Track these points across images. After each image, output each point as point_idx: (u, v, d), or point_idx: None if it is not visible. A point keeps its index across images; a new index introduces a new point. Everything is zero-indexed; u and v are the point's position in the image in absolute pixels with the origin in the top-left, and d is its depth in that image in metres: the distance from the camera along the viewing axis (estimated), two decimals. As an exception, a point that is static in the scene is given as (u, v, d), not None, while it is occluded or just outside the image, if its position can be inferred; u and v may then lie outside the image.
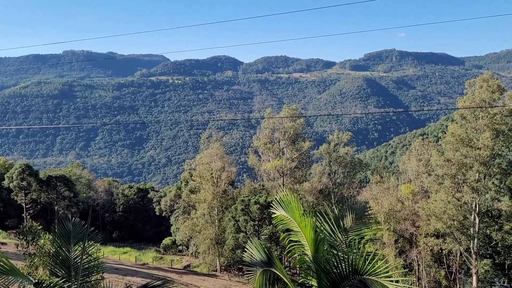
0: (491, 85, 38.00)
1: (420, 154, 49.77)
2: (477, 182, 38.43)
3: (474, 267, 39.77)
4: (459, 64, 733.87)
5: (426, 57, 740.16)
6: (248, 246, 10.43)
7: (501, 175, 39.27)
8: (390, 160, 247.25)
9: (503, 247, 44.06)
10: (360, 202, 46.22)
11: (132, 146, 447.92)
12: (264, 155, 60.48)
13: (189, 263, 65.40)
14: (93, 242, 9.88)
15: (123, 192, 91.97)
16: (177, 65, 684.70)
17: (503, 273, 46.89)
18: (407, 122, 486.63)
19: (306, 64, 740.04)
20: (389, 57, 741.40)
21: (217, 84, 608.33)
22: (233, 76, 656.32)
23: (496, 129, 37.48)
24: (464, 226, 39.95)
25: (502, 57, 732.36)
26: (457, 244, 40.50)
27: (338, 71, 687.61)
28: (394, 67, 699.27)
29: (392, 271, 8.38)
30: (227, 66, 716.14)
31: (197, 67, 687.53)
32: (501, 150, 38.16)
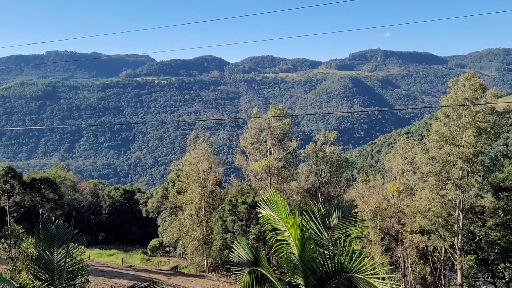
0: (474, 84, 38.56)
1: (405, 152, 50.30)
2: (461, 179, 38.97)
3: (459, 263, 40.33)
4: (443, 63, 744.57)
5: (410, 56, 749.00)
6: (235, 246, 10.42)
7: (484, 172, 39.87)
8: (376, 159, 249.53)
9: (487, 242, 44.78)
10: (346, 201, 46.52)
11: (118, 147, 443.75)
12: (251, 155, 60.47)
13: (177, 264, 65.08)
14: (78, 244, 9.75)
15: (109, 194, 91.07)
16: (163, 66, 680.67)
17: (486, 268, 47.68)
18: (392, 121, 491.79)
19: (293, 64, 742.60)
20: (374, 57, 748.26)
21: (203, 84, 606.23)
22: (219, 76, 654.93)
23: (478, 127, 38.04)
24: (448, 222, 40.47)
25: (484, 56, 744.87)
26: (442, 240, 41.03)
27: (324, 71, 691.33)
28: (379, 67, 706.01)
29: (378, 268, 8.45)
30: (213, 66, 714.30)
31: (183, 67, 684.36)
32: (483, 148, 38.73)
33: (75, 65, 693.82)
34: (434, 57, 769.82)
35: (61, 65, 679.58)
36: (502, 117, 38.78)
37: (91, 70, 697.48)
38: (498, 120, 38.51)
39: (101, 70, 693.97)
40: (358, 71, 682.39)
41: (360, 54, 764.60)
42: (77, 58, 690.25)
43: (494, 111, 38.97)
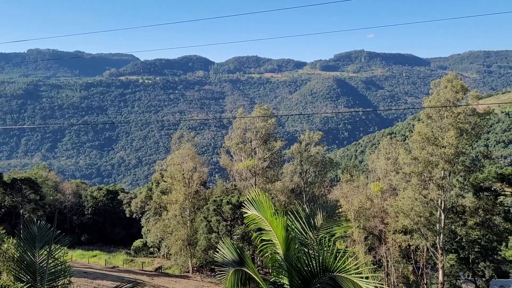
0: (455, 85, 39.22)
1: (388, 152, 50.89)
2: (443, 179, 39.57)
3: (440, 262, 40.95)
4: (425, 65, 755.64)
5: (393, 58, 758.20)
6: (220, 246, 10.41)
7: (465, 172, 40.56)
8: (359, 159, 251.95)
9: (467, 242, 45.58)
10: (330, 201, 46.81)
11: (101, 147, 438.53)
12: (236, 155, 60.41)
13: (161, 265, 64.63)
14: (60, 245, 9.62)
15: (92, 194, 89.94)
16: (147, 65, 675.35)
17: (467, 267, 48.54)
18: (376, 121, 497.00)
19: (278, 64, 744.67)
20: (358, 58, 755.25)
21: (188, 84, 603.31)
22: (204, 76, 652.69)
23: (460, 128, 38.68)
24: (430, 222, 41.06)
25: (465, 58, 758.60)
26: (424, 240, 41.60)
27: (309, 71, 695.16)
28: (363, 68, 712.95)
29: (361, 268, 8.53)
30: (198, 66, 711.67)
31: (167, 66, 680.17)
32: (464, 148, 39.39)
33: (58, 64, 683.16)
34: (417, 59, 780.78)
35: (43, 64, 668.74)
36: (482, 118, 39.53)
37: (74, 69, 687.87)
38: (478, 121, 39.24)
39: (84, 69, 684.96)
40: (342, 72, 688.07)
41: (344, 55, 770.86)
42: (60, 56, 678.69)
43: (475, 112, 39.70)
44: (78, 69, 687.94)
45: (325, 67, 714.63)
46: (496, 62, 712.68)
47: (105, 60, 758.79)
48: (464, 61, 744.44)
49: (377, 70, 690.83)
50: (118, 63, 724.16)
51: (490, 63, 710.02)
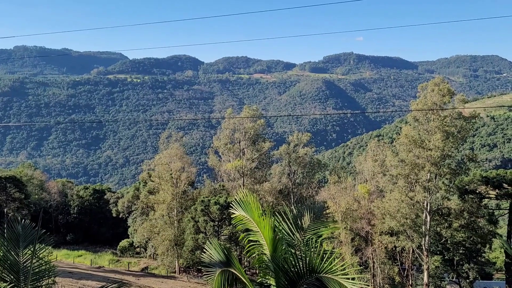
0: (442, 89, 39.70)
1: (376, 154, 51.27)
2: (429, 182, 40.01)
3: (425, 263, 41.39)
4: (413, 68, 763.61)
5: (382, 61, 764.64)
6: (207, 247, 10.38)
7: (450, 175, 41.06)
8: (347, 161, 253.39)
9: (452, 243, 46.14)
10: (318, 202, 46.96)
11: (88, 146, 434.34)
12: (225, 156, 60.34)
13: (147, 265, 64.23)
14: (45, 245, 9.51)
15: (78, 193, 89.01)
16: (136, 64, 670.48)
17: (452, 268, 49.11)
18: (364, 123, 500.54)
19: (267, 65, 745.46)
20: (347, 60, 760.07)
21: (177, 84, 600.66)
22: (193, 75, 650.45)
23: (446, 131, 39.17)
24: (416, 224, 41.47)
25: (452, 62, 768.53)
26: (410, 241, 42.00)
27: (298, 73, 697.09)
28: (352, 70, 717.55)
29: (348, 269, 8.59)
30: (187, 65, 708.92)
31: (156, 66, 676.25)
32: (450, 151, 39.89)
33: (45, 61, 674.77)
34: (405, 62, 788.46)
35: (29, 61, 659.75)
36: (468, 122, 40.09)
37: (61, 67, 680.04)
38: (464, 125, 39.77)
39: (71, 66, 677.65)
40: (331, 74, 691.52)
41: (333, 57, 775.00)
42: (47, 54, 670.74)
43: (461, 116, 40.24)
44: (65, 66, 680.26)
45: (314, 68, 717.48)
46: (482, 66, 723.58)
47: (93, 58, 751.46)
48: (451, 65, 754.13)
49: (365, 72, 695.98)
50: (107, 61, 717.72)
51: (476, 67, 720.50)
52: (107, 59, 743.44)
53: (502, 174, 47.44)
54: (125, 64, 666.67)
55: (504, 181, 47.11)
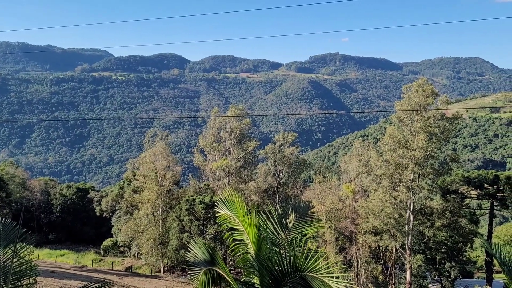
0: (426, 90, 40.25)
1: (361, 154, 51.70)
2: (412, 182, 40.53)
3: (408, 262, 41.92)
4: (397, 69, 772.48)
5: (367, 61, 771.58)
6: (192, 246, 10.34)
7: (433, 175, 41.65)
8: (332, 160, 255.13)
9: (434, 243, 46.83)
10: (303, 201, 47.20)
11: (72, 143, 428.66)
12: (210, 155, 60.18)
13: (131, 265, 63.71)
14: (26, 244, 9.35)
15: (61, 192, 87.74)
16: (121, 61, 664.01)
17: (434, 267, 49.86)
18: (349, 124, 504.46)
19: (253, 65, 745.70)
20: (333, 61, 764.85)
21: (163, 82, 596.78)
22: (179, 74, 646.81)
23: (429, 131, 39.71)
24: (399, 223, 41.97)
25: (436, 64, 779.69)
26: (393, 240, 42.49)
27: (284, 73, 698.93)
28: (337, 70, 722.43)
29: (332, 267, 8.64)
30: (173, 64, 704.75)
31: (142, 63, 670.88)
32: (433, 152, 40.45)
33: (27, 57, 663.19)
34: (389, 63, 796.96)
35: (12, 57, 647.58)
36: (451, 123, 40.70)
37: (45, 63, 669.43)
38: (447, 126, 40.38)
39: (55, 63, 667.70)
40: (317, 74, 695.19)
41: (319, 57, 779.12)
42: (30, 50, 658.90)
43: (444, 117, 40.83)
44: (49, 63, 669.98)
45: (301, 68, 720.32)
46: (465, 68, 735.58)
47: (77, 55, 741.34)
48: (435, 67, 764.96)
49: (351, 73, 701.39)
50: (91, 58, 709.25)
51: (459, 69, 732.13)
52: (92, 56, 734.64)
53: (483, 175, 48.32)
54: (110, 62, 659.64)
55: (485, 181, 48.01)
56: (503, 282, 42.89)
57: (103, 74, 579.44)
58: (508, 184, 45.93)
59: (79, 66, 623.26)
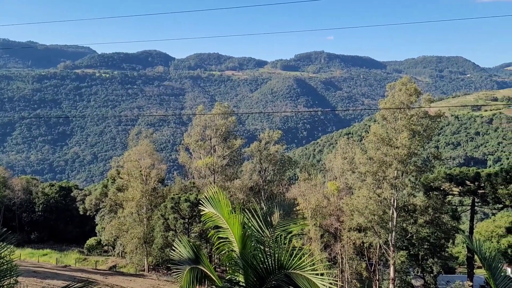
0: (409, 89, 40.71)
1: (345, 152, 52.11)
2: (396, 179, 40.99)
3: (392, 259, 42.43)
4: (382, 68, 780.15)
5: (352, 60, 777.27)
6: (176, 244, 10.30)
7: (416, 173, 42.19)
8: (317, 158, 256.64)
9: (417, 239, 47.49)
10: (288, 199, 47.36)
11: (54, 142, 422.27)
12: (195, 153, 59.92)
13: (115, 264, 63.16)
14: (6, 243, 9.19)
15: (43, 191, 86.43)
16: (105, 58, 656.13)
17: (417, 263, 50.54)
18: (334, 121, 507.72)
19: (239, 62, 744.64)
20: (318, 59, 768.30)
21: (147, 79, 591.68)
22: (164, 71, 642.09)
23: (412, 129, 40.20)
24: (383, 220, 42.43)
25: (419, 63, 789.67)
26: (377, 237, 42.96)
27: (269, 70, 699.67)
28: (322, 69, 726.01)
29: (317, 264, 8.69)
30: (158, 61, 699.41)
31: (126, 61, 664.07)
32: (417, 149, 40.96)
33: (8, 54, 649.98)
34: (374, 62, 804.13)
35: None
36: (434, 120, 41.27)
37: (26, 60, 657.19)
38: (430, 124, 40.92)
39: (37, 60, 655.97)
40: (302, 72, 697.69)
41: (305, 55, 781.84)
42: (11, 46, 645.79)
43: (427, 115, 41.37)
44: (30, 60, 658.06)
45: (286, 66, 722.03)
46: (447, 67, 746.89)
47: (59, 51, 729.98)
48: (418, 66, 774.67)
49: (336, 71, 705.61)
50: (74, 55, 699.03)
51: (442, 68, 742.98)
52: (75, 53, 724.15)
53: (465, 172, 49.18)
54: (94, 59, 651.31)
55: (467, 178, 48.87)
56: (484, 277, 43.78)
57: (86, 71, 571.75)
58: (489, 181, 46.82)
59: (61, 63, 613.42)
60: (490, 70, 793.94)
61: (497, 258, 11.78)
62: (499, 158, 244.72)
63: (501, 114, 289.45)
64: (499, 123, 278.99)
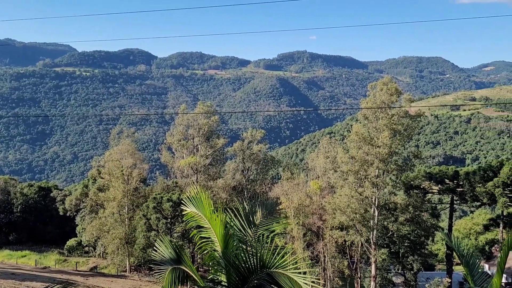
0: (390, 88, 41.26)
1: (328, 151, 52.51)
2: (377, 178, 41.49)
3: (373, 256, 42.95)
4: (363, 67, 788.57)
5: (334, 60, 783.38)
6: (158, 244, 10.23)
7: (397, 171, 42.81)
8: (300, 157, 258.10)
9: (398, 237, 48.21)
10: (271, 198, 47.59)
11: (33, 141, 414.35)
12: (178, 152, 59.55)
13: (96, 265, 62.41)
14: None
15: (22, 191, 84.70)
16: (85, 56, 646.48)
17: (397, 260, 51.34)
18: (317, 121, 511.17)
19: (222, 62, 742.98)
20: (301, 58, 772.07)
21: (129, 78, 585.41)
22: (146, 70, 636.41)
23: (393, 129, 40.75)
24: (365, 218, 42.92)
25: (400, 63, 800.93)
26: (359, 235, 43.43)
27: (252, 70, 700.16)
28: (305, 68, 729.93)
29: (299, 263, 8.75)
30: (140, 59, 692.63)
31: (107, 59, 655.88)
32: (397, 148, 41.57)
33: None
34: (356, 62, 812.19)
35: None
36: (414, 120, 41.94)
37: (3, 58, 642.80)
38: (410, 123, 41.58)
39: (15, 58, 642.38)
40: (285, 71, 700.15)
41: (287, 55, 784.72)
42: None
43: (407, 114, 42.01)
44: (8, 57, 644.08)
45: (269, 66, 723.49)
46: (427, 67, 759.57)
47: (39, 49, 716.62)
48: (399, 66, 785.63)
49: (318, 71, 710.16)
50: (54, 53, 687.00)
51: (422, 68, 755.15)
52: (54, 51, 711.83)
53: (444, 170, 50.14)
54: (74, 57, 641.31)
55: (446, 176, 49.83)
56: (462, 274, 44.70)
57: (66, 70, 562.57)
58: (467, 180, 47.84)
59: (40, 61, 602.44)
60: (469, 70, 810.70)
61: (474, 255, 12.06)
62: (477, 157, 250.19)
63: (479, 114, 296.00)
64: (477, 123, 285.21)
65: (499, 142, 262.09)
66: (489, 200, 47.52)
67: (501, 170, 46.50)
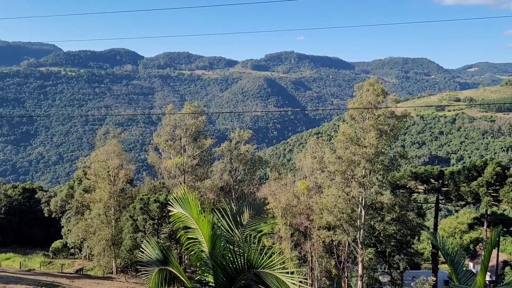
0: (377, 89, 41.58)
1: (315, 151, 52.70)
2: (364, 178, 41.77)
3: (360, 256, 43.24)
4: (350, 68, 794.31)
5: (321, 60, 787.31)
6: (144, 246, 10.16)
7: (383, 171, 43.14)
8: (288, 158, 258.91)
9: (385, 236, 48.61)
10: (258, 198, 47.56)
11: (17, 142, 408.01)
12: (165, 152, 59.22)
13: (82, 267, 61.73)
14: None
15: (6, 193, 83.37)
16: (71, 56, 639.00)
17: (384, 260, 51.74)
18: (304, 121, 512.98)
19: (209, 62, 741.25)
20: (288, 59, 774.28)
21: (115, 78, 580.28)
22: (133, 70, 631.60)
23: (380, 129, 41.07)
24: (352, 218, 43.18)
25: (386, 64, 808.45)
26: (346, 235, 43.67)
27: (240, 70, 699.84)
28: (292, 69, 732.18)
29: (287, 263, 8.77)
30: (126, 59, 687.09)
31: (93, 59, 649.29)
32: (384, 148, 41.88)
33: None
34: (343, 63, 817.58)
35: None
36: (400, 120, 42.32)
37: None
38: (397, 123, 41.94)
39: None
40: (272, 72, 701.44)
41: (275, 55, 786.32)
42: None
43: (393, 115, 42.38)
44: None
45: (256, 66, 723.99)
46: (413, 68, 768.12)
47: (23, 49, 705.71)
48: (385, 66, 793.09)
49: (305, 71, 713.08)
50: (38, 53, 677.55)
51: (408, 69, 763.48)
52: (39, 50, 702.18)
53: (429, 170, 50.70)
54: (59, 56, 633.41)
55: (431, 176, 50.40)
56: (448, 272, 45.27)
57: (51, 70, 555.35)
58: (452, 179, 48.44)
59: (25, 61, 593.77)
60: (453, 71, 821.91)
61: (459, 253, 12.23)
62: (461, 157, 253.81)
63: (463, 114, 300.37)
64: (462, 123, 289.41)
65: (483, 142, 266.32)
66: (473, 200, 48.15)
67: (485, 169, 47.17)
